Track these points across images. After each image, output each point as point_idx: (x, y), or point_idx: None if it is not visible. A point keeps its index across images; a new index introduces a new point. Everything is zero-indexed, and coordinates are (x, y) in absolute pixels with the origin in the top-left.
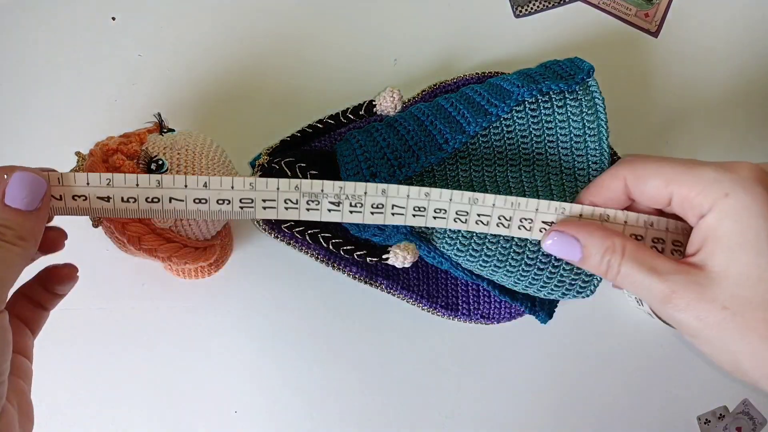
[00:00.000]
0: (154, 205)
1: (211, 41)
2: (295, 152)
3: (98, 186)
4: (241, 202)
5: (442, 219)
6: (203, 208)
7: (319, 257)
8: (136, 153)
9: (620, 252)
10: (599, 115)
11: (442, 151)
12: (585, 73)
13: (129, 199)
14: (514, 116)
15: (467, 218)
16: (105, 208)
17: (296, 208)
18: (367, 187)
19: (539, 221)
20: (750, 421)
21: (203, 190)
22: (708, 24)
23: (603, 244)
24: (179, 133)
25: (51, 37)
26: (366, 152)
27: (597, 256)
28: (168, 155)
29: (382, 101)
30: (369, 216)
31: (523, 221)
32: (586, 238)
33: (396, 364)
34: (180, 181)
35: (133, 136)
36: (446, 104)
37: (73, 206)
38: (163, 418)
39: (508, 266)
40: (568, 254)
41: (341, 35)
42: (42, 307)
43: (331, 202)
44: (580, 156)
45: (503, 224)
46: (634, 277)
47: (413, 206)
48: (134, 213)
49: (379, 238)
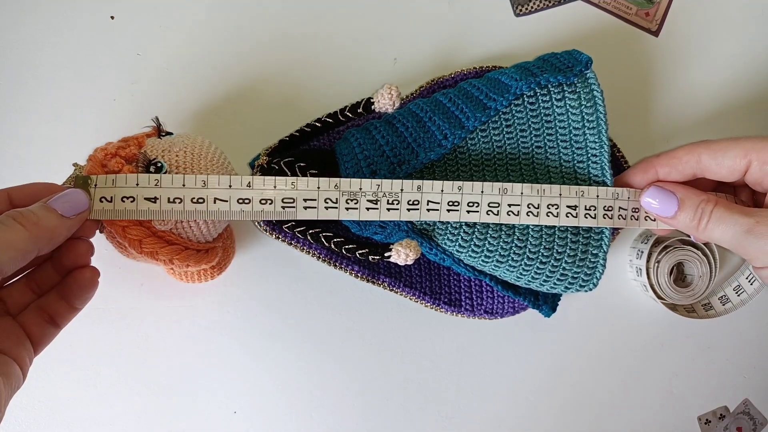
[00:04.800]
0: (200, 205)
1: (210, 40)
2: (294, 152)
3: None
4: (283, 202)
5: (475, 213)
6: (246, 209)
7: (321, 257)
8: (134, 156)
9: (713, 201)
10: (598, 108)
11: (441, 147)
12: (583, 65)
13: (175, 200)
14: (513, 110)
15: (499, 210)
16: (152, 210)
17: (336, 207)
18: (404, 184)
19: (564, 205)
20: (750, 421)
21: (247, 190)
22: (708, 23)
23: (699, 197)
24: (177, 136)
25: (50, 36)
26: (365, 150)
27: (692, 208)
28: (167, 157)
29: (380, 98)
30: (405, 213)
31: (550, 207)
32: (684, 192)
33: (396, 364)
34: (224, 181)
35: (131, 140)
36: (444, 100)
37: (122, 208)
38: (163, 418)
39: (510, 261)
40: (665, 208)
41: (341, 35)
42: (54, 323)
43: (369, 200)
44: (579, 149)
45: (533, 212)
46: (725, 218)
47: (447, 201)
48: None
49: (380, 236)
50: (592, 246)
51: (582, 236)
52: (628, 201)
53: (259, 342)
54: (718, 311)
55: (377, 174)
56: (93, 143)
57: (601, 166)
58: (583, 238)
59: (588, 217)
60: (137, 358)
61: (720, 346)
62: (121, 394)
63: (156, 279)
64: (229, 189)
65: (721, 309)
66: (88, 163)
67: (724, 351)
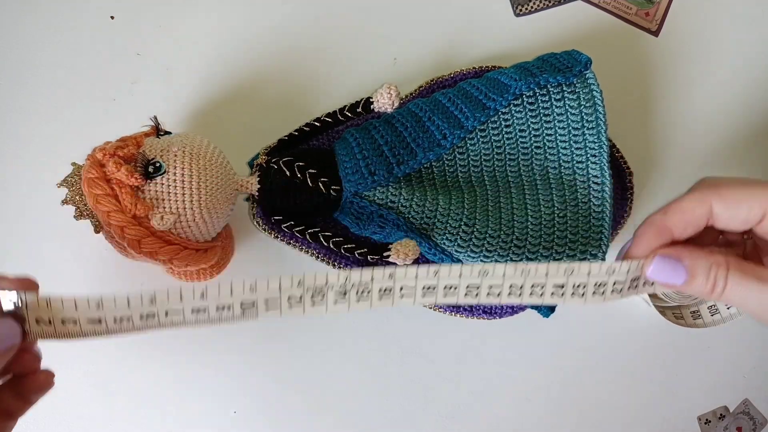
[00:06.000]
0: (150, 320)
1: (210, 40)
2: (293, 151)
3: (87, 309)
4: (242, 306)
5: (453, 296)
6: (202, 318)
7: (320, 256)
8: (132, 156)
9: (725, 265)
10: (597, 108)
11: (440, 147)
12: (583, 66)
13: (122, 319)
14: (512, 110)
15: (478, 292)
16: (97, 330)
17: (300, 304)
18: (374, 273)
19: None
20: (750, 421)
21: (200, 300)
22: (708, 23)
23: (708, 261)
24: (175, 135)
25: (50, 36)
26: (364, 150)
27: (703, 275)
28: (165, 157)
29: (379, 98)
30: (377, 302)
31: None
32: (690, 258)
33: (396, 363)
34: (175, 294)
35: (129, 140)
36: (444, 99)
37: (63, 331)
38: (162, 418)
39: (508, 260)
40: (673, 277)
41: (341, 35)
42: (11, 417)
43: (337, 292)
44: (578, 149)
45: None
46: (743, 286)
47: (422, 285)
48: (130, 331)
49: (379, 236)
50: (591, 246)
51: (581, 235)
52: (627, 274)
53: (259, 342)
54: (706, 321)
55: (375, 175)
56: (93, 143)
57: (600, 166)
58: (582, 237)
59: (575, 296)
60: (136, 358)
61: (720, 346)
62: (121, 394)
63: (156, 279)
64: (181, 302)
65: (709, 320)
66: (87, 161)
67: (724, 351)
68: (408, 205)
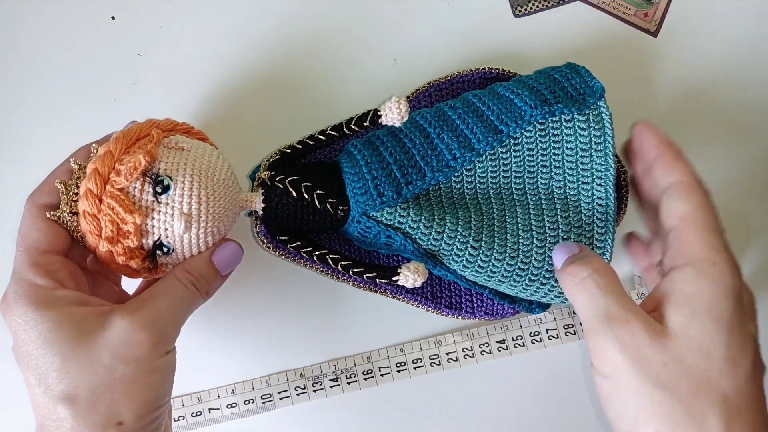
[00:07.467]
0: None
1: (210, 41)
2: (298, 168)
3: None
4: (262, 398)
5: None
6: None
7: (323, 271)
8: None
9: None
10: (606, 131)
11: (450, 168)
12: (596, 98)
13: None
14: (523, 131)
15: (440, 359)
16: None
17: (305, 392)
18: (355, 359)
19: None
20: None
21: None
22: (707, 24)
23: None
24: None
25: (50, 36)
26: (373, 170)
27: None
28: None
29: (387, 112)
30: (363, 383)
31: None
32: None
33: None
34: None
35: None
36: (453, 114)
37: None
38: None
39: (511, 280)
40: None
41: (341, 35)
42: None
43: (331, 379)
44: (585, 170)
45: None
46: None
47: (395, 362)
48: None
49: (385, 250)
50: None
51: None
52: (555, 321)
53: (259, 341)
54: None
55: (384, 196)
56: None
57: (605, 189)
58: None
59: (517, 346)
60: None
61: None
62: None
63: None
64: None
65: None
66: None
67: None
68: (416, 227)
